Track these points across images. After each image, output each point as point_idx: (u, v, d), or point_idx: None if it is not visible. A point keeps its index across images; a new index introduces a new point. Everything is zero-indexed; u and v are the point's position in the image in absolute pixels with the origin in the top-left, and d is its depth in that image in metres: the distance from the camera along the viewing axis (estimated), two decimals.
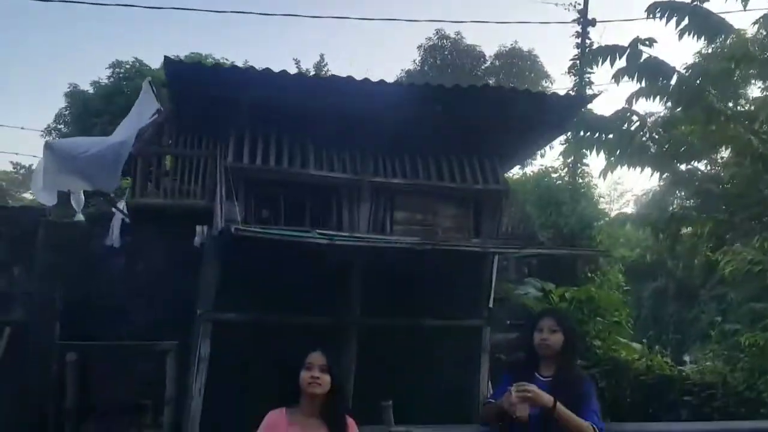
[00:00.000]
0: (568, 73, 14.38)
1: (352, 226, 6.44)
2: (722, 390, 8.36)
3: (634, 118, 6.41)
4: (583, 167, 10.44)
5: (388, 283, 6.46)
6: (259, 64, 7.03)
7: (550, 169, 11.37)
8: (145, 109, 6.56)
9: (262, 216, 6.47)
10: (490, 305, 6.53)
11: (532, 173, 12.23)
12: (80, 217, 9.22)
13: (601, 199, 13.42)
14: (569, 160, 10.41)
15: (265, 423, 2.89)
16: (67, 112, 17.74)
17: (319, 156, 6.50)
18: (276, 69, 5.80)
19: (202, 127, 6.51)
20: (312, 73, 18.69)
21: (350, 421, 3.00)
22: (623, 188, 22.41)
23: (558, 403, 2.95)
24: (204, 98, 5.88)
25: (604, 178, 7.05)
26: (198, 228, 6.19)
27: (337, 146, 6.58)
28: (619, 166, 6.89)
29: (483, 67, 23.29)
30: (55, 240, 8.91)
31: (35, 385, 8.16)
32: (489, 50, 23.98)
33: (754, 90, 7.22)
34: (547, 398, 2.95)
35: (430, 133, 6.51)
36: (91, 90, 17.03)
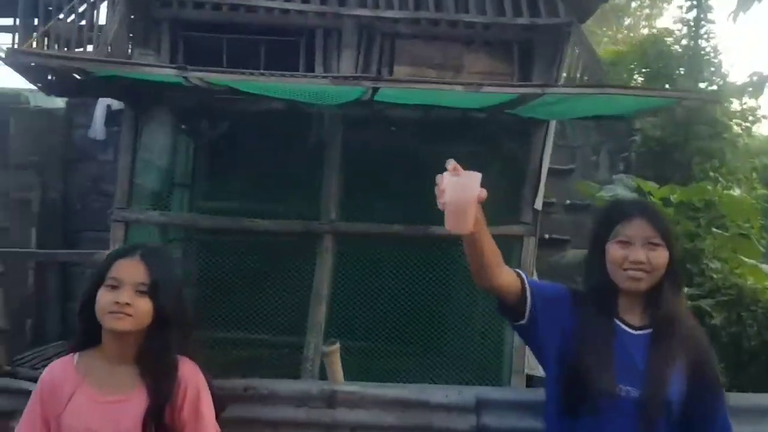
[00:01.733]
0: None
1: None
2: None
3: None
4: (708, 24, 7.50)
5: (381, 173, 4.41)
6: None
7: (664, 31, 8.49)
8: None
9: None
10: (538, 206, 4.26)
11: (641, 40, 9.33)
12: (58, 102, 7.80)
13: (731, 70, 10.28)
14: (690, 14, 7.50)
15: (41, 381, 1.80)
16: None
17: None
18: None
19: None
20: None
21: (188, 371, 1.81)
22: None
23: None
24: None
25: (735, 20, 4.58)
26: None
27: None
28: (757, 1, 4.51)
29: None
30: (29, 131, 7.61)
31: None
32: None
33: None
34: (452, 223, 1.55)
35: None
36: None
